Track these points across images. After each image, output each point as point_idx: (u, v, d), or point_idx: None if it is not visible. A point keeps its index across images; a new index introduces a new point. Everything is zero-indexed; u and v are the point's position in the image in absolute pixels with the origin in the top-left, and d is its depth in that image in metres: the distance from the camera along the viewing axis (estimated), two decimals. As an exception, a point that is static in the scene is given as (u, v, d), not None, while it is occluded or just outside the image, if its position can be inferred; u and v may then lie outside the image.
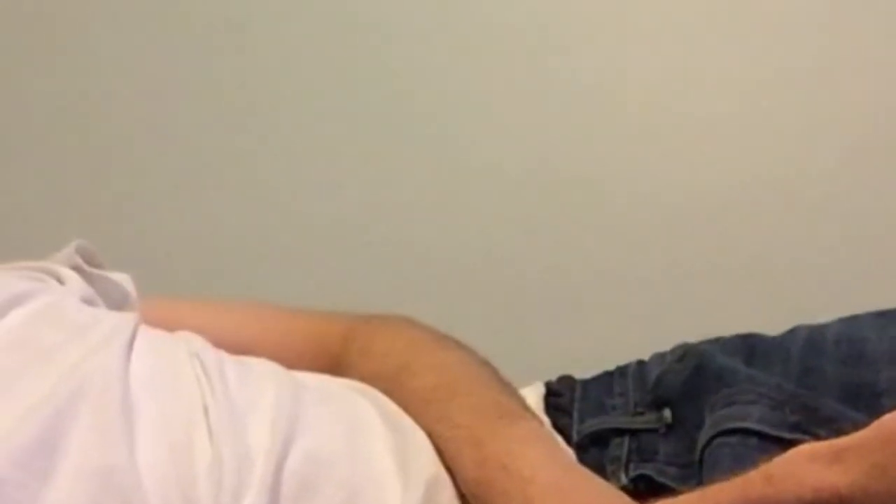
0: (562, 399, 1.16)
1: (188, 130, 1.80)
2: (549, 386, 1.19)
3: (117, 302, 1.10)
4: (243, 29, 1.79)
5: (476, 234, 1.78)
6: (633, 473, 1.07)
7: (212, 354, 1.00)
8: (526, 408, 1.02)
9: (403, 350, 1.08)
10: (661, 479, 1.05)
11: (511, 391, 1.04)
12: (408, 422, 1.00)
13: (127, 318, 1.01)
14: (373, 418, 1.00)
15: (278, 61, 1.79)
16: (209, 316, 1.17)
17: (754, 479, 0.86)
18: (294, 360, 1.10)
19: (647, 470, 1.07)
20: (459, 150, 1.78)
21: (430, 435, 0.98)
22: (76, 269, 1.10)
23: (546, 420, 1.12)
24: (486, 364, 1.07)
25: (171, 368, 0.97)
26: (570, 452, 1.06)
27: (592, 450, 1.10)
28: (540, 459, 0.92)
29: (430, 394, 1.01)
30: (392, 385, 1.04)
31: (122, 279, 1.12)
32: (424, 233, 1.78)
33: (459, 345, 1.10)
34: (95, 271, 1.11)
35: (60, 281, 1.07)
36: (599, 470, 1.06)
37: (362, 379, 1.07)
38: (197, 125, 1.80)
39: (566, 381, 1.19)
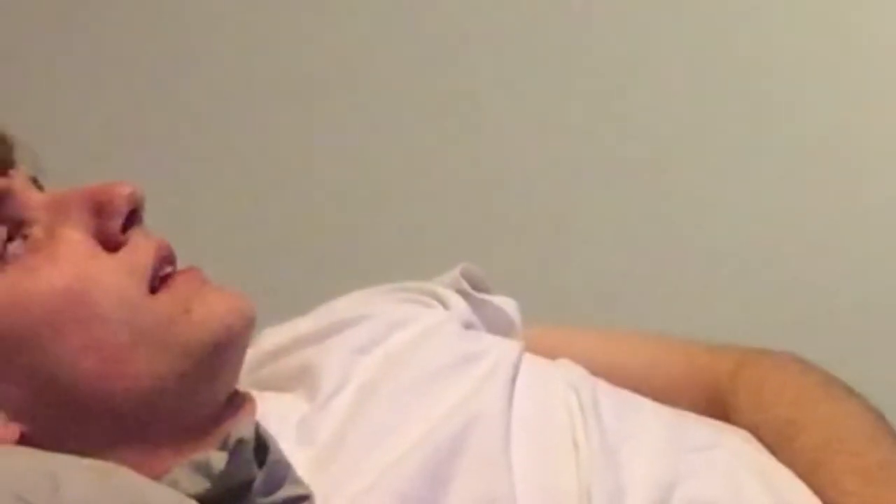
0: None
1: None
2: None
3: (502, 328, 1.15)
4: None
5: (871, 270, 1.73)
6: None
7: (589, 386, 1.03)
8: None
9: (792, 402, 1.08)
10: None
11: None
12: (789, 493, 0.99)
13: (510, 349, 1.05)
14: (749, 477, 0.99)
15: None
16: (596, 343, 1.19)
17: None
18: (675, 393, 1.13)
19: None
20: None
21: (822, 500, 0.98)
22: (462, 293, 1.14)
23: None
24: (878, 416, 1.06)
25: (548, 406, 1.01)
26: None
27: None
28: None
29: (817, 453, 1.01)
30: (777, 439, 1.05)
31: (507, 304, 1.16)
32: (809, 268, 1.74)
33: (850, 393, 1.09)
34: (480, 296, 1.15)
35: (445, 305, 1.12)
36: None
37: (746, 426, 1.08)
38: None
39: None
